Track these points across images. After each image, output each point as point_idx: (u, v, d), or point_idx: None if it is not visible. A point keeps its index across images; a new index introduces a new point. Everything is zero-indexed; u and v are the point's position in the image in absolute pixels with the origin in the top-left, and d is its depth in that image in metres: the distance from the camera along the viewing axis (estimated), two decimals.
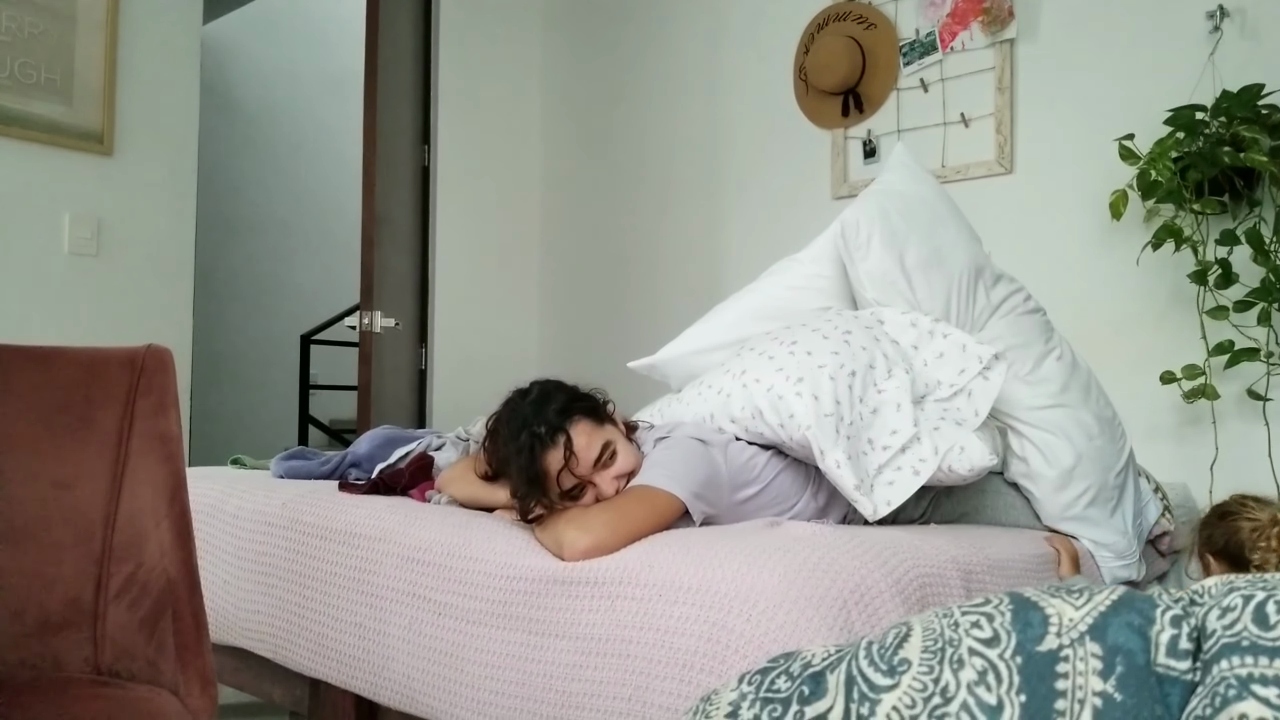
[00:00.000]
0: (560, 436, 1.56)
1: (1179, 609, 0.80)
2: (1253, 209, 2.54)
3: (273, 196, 5.99)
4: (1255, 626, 0.76)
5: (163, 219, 3.17)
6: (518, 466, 1.56)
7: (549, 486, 1.56)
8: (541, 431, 1.56)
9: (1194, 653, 0.77)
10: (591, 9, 4.21)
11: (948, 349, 1.87)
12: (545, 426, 1.56)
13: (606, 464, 1.60)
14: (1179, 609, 0.80)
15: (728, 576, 1.29)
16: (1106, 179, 2.72)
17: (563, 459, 1.55)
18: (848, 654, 0.89)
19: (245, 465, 2.56)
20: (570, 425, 1.58)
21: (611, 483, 1.60)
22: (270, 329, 5.86)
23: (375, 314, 3.48)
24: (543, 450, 1.55)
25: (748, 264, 3.20)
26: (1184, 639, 0.77)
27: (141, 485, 1.42)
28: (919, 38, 3.23)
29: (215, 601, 1.93)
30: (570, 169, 4.25)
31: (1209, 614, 0.78)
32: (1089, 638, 0.79)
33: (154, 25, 3.15)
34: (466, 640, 1.50)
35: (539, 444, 1.55)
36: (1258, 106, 2.46)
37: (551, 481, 1.56)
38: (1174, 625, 0.78)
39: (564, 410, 1.59)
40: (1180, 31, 2.73)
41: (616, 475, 1.60)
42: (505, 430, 1.61)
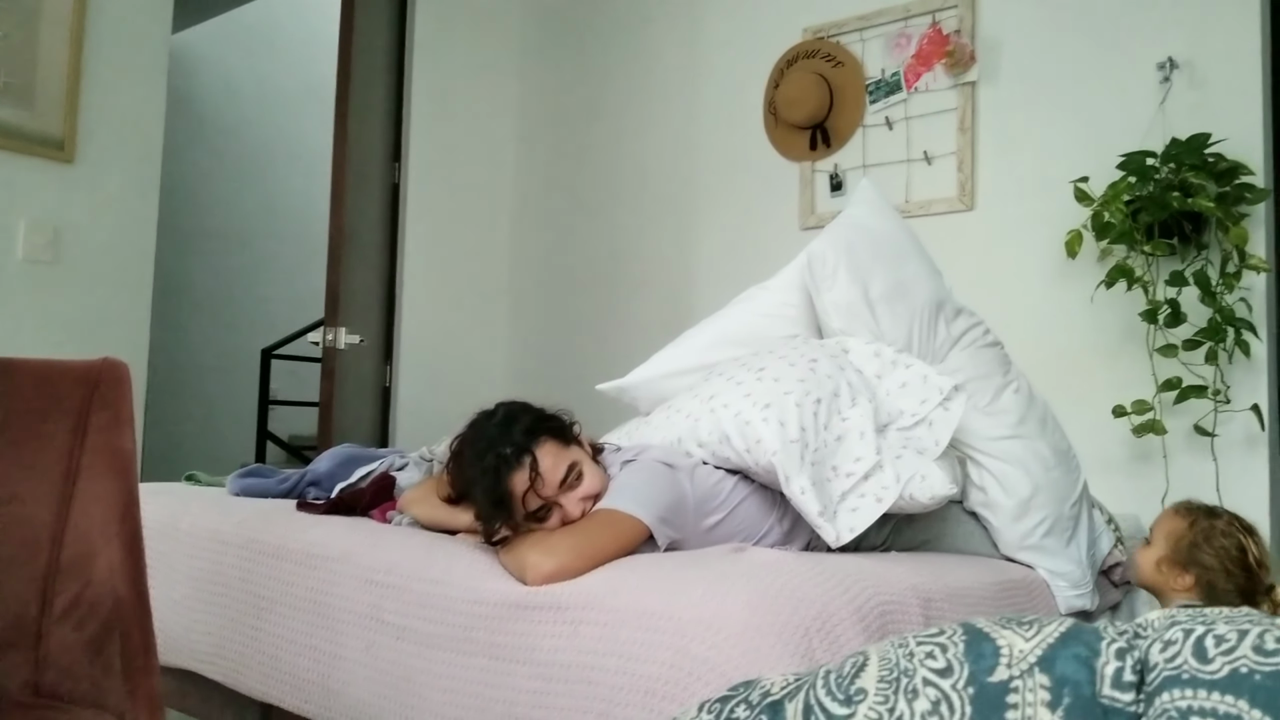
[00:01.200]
0: (526, 457, 1.55)
1: (1123, 642, 0.82)
2: (1200, 252, 2.61)
3: (238, 209, 5.94)
4: (1195, 660, 0.78)
5: (123, 228, 3.13)
6: (483, 488, 1.55)
7: (514, 508, 1.55)
8: (507, 452, 1.55)
9: (1138, 685, 0.80)
10: (567, 33, 4.24)
11: (910, 379, 1.90)
12: (511, 447, 1.55)
13: (572, 485, 1.59)
14: (1123, 642, 0.82)
15: (692, 603, 1.29)
16: (1062, 219, 2.79)
17: (528, 480, 1.54)
18: (806, 683, 0.90)
19: (200, 482, 2.52)
20: (536, 446, 1.57)
21: (577, 504, 1.59)
22: (231, 342, 5.80)
23: (340, 330, 3.46)
24: (508, 471, 1.54)
25: (717, 290, 3.23)
26: (1128, 671, 0.80)
27: (92, 501, 1.39)
28: (885, 77, 3.29)
29: (165, 622, 1.89)
30: (542, 191, 4.26)
31: (1152, 647, 0.81)
32: (1038, 669, 0.81)
33: (121, 32, 3.12)
34: (426, 665, 1.48)
35: (504, 465, 1.54)
36: (1205, 154, 2.54)
37: (517, 503, 1.55)
38: (1119, 658, 0.81)
39: (530, 431, 1.59)
40: (1133, 81, 2.81)
41: (582, 497, 1.60)
42: (470, 451, 1.60)
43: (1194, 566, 1.78)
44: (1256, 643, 0.80)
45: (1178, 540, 1.80)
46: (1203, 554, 1.78)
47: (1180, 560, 1.79)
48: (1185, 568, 1.79)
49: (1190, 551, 1.78)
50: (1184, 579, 1.79)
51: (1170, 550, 1.81)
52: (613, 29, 4.07)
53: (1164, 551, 1.82)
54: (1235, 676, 0.77)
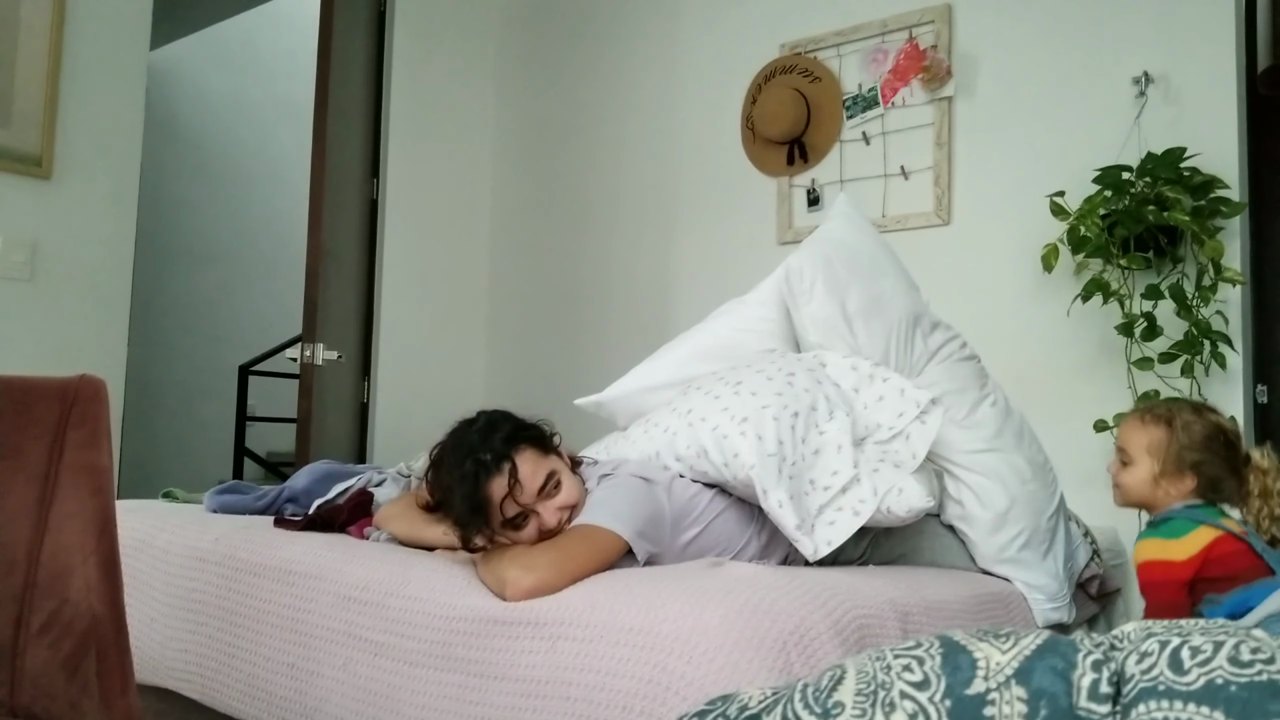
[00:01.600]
0: (505, 464, 1.55)
1: (1099, 654, 0.83)
2: (1176, 265, 2.64)
3: (215, 225, 5.91)
4: (1171, 671, 0.79)
5: (100, 245, 3.12)
6: (461, 494, 1.55)
7: (491, 515, 1.56)
8: (487, 459, 1.55)
9: (1114, 696, 0.80)
10: (545, 50, 4.26)
11: (887, 393, 1.91)
12: (491, 454, 1.56)
13: (550, 494, 1.60)
14: (1099, 654, 0.83)
15: (669, 617, 1.29)
16: (1039, 233, 2.81)
17: (507, 486, 1.55)
18: (784, 697, 0.90)
19: (177, 499, 2.50)
20: (516, 453, 1.57)
21: (555, 513, 1.60)
22: (208, 359, 5.76)
23: (317, 346, 3.44)
24: (487, 477, 1.55)
25: (695, 304, 3.24)
26: (1104, 683, 0.80)
27: (69, 519, 1.38)
28: (861, 92, 3.32)
29: (141, 640, 1.88)
30: (520, 207, 4.27)
31: (1128, 659, 0.81)
32: (1015, 681, 0.81)
33: (99, 49, 3.11)
34: (403, 682, 1.48)
35: (484, 471, 1.55)
36: (1180, 168, 2.57)
37: (495, 509, 1.56)
38: (1095, 669, 0.81)
39: (510, 438, 1.59)
40: (1108, 95, 2.85)
41: (560, 506, 1.60)
42: (450, 458, 1.60)
43: (1191, 469, 1.75)
44: (1232, 654, 0.80)
45: (1165, 449, 1.77)
46: (1195, 453, 1.75)
47: (1176, 468, 1.76)
48: (1183, 473, 1.76)
49: (1182, 456, 1.75)
50: (1184, 484, 1.76)
51: (1162, 462, 1.77)
52: (591, 45, 4.09)
53: (1157, 466, 1.77)
54: (1211, 688, 0.78)
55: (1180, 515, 1.74)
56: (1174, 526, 1.73)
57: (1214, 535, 1.69)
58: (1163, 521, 1.76)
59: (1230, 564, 1.67)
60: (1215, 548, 1.68)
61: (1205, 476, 1.75)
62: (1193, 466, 1.75)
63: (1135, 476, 1.81)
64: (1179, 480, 1.76)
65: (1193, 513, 1.74)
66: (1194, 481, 1.76)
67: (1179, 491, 1.77)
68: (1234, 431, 1.79)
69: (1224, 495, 1.77)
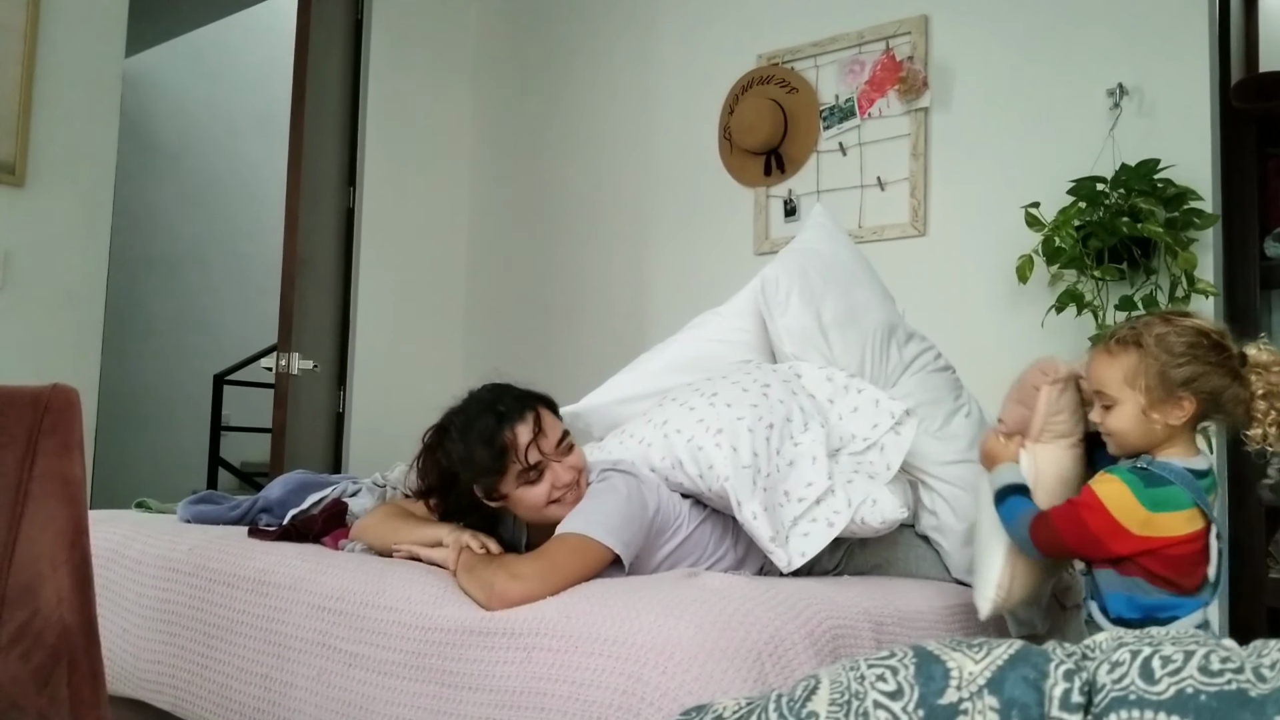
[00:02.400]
0: (529, 413, 1.62)
1: (1071, 663, 0.83)
2: (1149, 277, 2.66)
3: (190, 233, 5.87)
4: (1142, 681, 0.79)
5: (74, 253, 3.09)
6: (484, 439, 1.59)
7: (512, 462, 1.59)
8: (507, 408, 1.62)
9: (1085, 706, 0.81)
10: (522, 59, 4.26)
11: (862, 403, 1.92)
12: (511, 404, 1.63)
13: (565, 451, 1.64)
14: (1071, 663, 0.83)
15: (644, 628, 1.29)
16: (1013, 244, 2.84)
17: (531, 432, 1.60)
18: (758, 707, 0.90)
19: (150, 509, 2.48)
20: (538, 405, 1.65)
21: (569, 470, 1.64)
22: (182, 368, 5.72)
23: (293, 355, 3.42)
24: (511, 423, 1.60)
25: (671, 315, 3.24)
26: (1076, 692, 0.81)
27: (40, 529, 1.37)
28: (838, 103, 3.34)
29: (114, 651, 1.86)
30: (498, 217, 4.26)
31: (1099, 668, 0.82)
32: (987, 691, 0.82)
33: (74, 56, 3.09)
34: (377, 693, 1.47)
35: (507, 419, 1.60)
36: (1154, 180, 2.60)
37: (519, 454, 1.59)
38: (1066, 679, 0.82)
39: (525, 396, 1.67)
40: (1083, 107, 2.88)
41: (573, 465, 1.65)
42: (460, 421, 1.65)
43: (1183, 388, 1.47)
44: (1202, 663, 0.81)
45: (1144, 376, 1.48)
46: (1181, 368, 1.47)
47: (1165, 392, 1.47)
48: (1175, 396, 1.47)
49: (1167, 375, 1.47)
50: (1183, 408, 1.48)
51: (1147, 393, 1.48)
52: (568, 55, 4.10)
53: (1141, 399, 1.49)
54: (1181, 697, 0.79)
55: (1182, 482, 1.48)
56: (1165, 495, 1.47)
57: (1195, 529, 1.47)
58: (1158, 481, 1.48)
59: (1179, 569, 1.47)
60: (1183, 544, 1.46)
61: (1204, 393, 1.47)
62: (1184, 384, 1.46)
63: (1125, 417, 1.51)
64: (1175, 406, 1.48)
65: (1193, 484, 1.48)
66: (1193, 403, 1.47)
67: (1180, 417, 1.48)
68: (1218, 330, 1.51)
69: (1229, 408, 1.49)
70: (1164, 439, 1.51)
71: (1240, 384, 1.48)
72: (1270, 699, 0.74)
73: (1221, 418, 1.52)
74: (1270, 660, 0.79)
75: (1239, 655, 0.80)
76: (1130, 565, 1.48)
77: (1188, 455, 1.52)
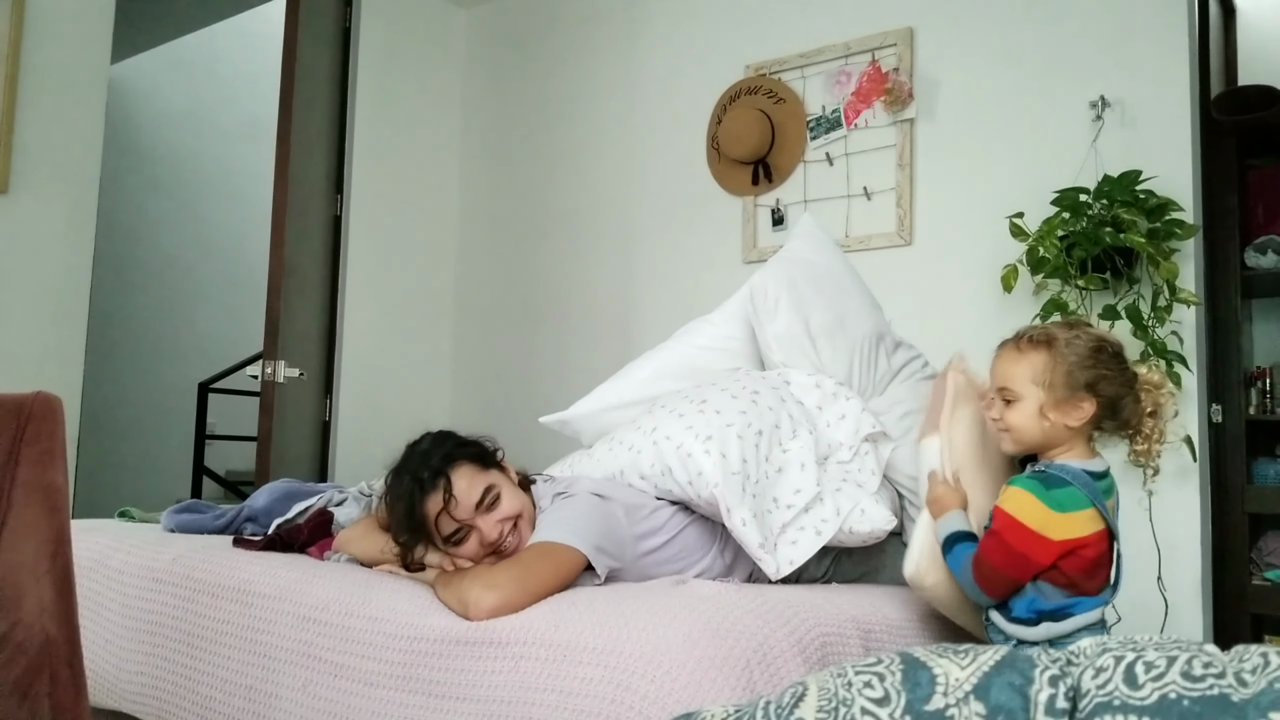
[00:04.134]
0: (440, 480, 1.60)
1: (1056, 669, 0.84)
2: (1132, 286, 2.69)
3: (176, 241, 5.85)
4: (1125, 686, 0.80)
5: (58, 260, 3.07)
6: (400, 513, 1.61)
7: (430, 532, 1.60)
8: (424, 476, 1.60)
9: (1070, 711, 0.81)
10: (510, 68, 4.26)
11: (849, 411, 1.93)
12: (427, 472, 1.61)
13: (489, 507, 1.62)
14: (1056, 669, 0.84)
15: (632, 636, 1.29)
16: (999, 253, 2.86)
17: (441, 502, 1.59)
18: (746, 713, 0.90)
19: (134, 518, 2.46)
20: (452, 469, 1.62)
21: (494, 526, 1.62)
22: (167, 376, 5.68)
23: (279, 364, 3.41)
24: (422, 495, 1.59)
25: (660, 323, 3.25)
26: (1061, 698, 0.81)
27: (22, 538, 1.36)
28: (825, 114, 3.36)
29: (96, 662, 1.85)
30: (485, 224, 4.26)
31: (1084, 674, 0.82)
32: (973, 697, 0.82)
33: (59, 62, 3.08)
34: (363, 703, 1.46)
35: (419, 490, 1.60)
36: (1136, 191, 2.62)
37: (431, 526, 1.60)
38: (1052, 685, 0.82)
39: (448, 456, 1.63)
40: (1066, 118, 2.90)
41: (500, 519, 1.62)
42: (394, 480, 1.65)
43: (1086, 390, 1.52)
44: (1185, 669, 0.82)
45: (1050, 374, 1.53)
46: (1086, 371, 1.52)
47: (1069, 391, 1.52)
48: (1078, 396, 1.52)
49: (1073, 376, 1.52)
50: (1082, 409, 1.53)
51: (1051, 388, 1.53)
52: (556, 64, 4.10)
53: (1044, 397, 1.53)
54: (1164, 702, 0.79)
55: (1078, 482, 1.51)
56: (1066, 496, 1.50)
57: (1096, 530, 1.50)
58: (1057, 483, 1.51)
59: (1088, 571, 1.50)
60: (1088, 546, 1.49)
61: (1104, 397, 1.53)
62: (1087, 387, 1.52)
63: (1025, 413, 1.55)
64: (1075, 407, 1.53)
65: (1090, 485, 1.52)
66: (1093, 405, 1.53)
67: (1079, 419, 1.53)
68: (1116, 343, 1.58)
69: (1124, 417, 1.55)
70: (1060, 441, 1.56)
71: (1134, 398, 1.55)
72: (1251, 704, 0.74)
73: (1114, 426, 1.57)
74: (1251, 665, 0.79)
75: (1221, 661, 0.81)
76: (1051, 572, 1.49)
77: (1084, 458, 1.56)
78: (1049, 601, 1.50)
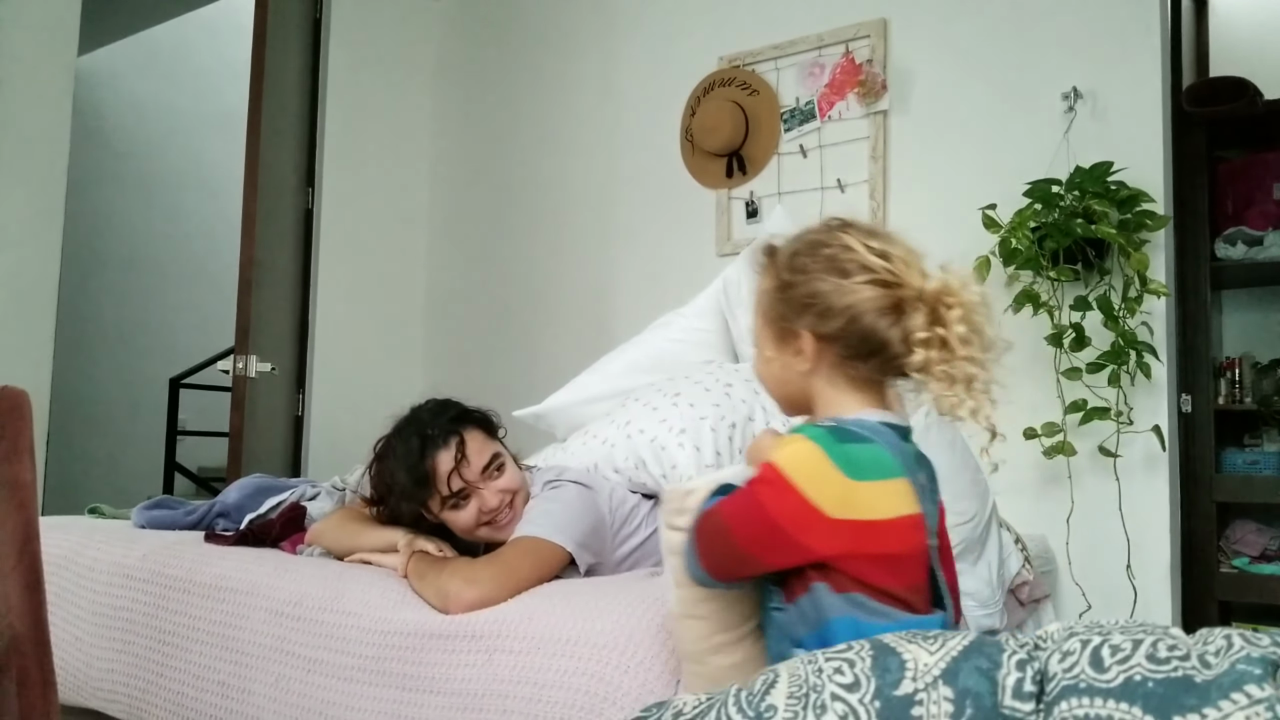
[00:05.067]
0: (453, 438, 1.61)
1: (1024, 653, 0.85)
2: (1103, 277, 2.71)
3: (146, 235, 5.79)
4: (1091, 669, 0.81)
5: (25, 253, 3.03)
6: (407, 466, 1.60)
7: (435, 488, 1.60)
8: (434, 433, 1.61)
9: (1038, 695, 0.82)
10: (482, 60, 4.24)
11: None
12: (439, 429, 1.62)
13: (493, 475, 1.63)
14: (1024, 653, 0.85)
15: (606, 628, 1.29)
16: (971, 245, 2.87)
17: (453, 460, 1.59)
18: (718, 702, 0.91)
19: (104, 515, 2.44)
20: (464, 430, 1.63)
21: (496, 494, 1.63)
22: (137, 371, 5.63)
23: (250, 358, 3.38)
24: (434, 450, 1.60)
25: (635, 316, 3.24)
26: (1028, 682, 0.82)
27: None
28: (799, 105, 3.36)
29: (66, 660, 1.83)
30: (458, 218, 4.24)
31: (1051, 658, 0.83)
32: (942, 681, 0.83)
33: (25, 52, 3.03)
34: (337, 698, 1.45)
35: (430, 444, 1.60)
36: (1107, 182, 2.64)
37: (440, 482, 1.59)
38: (1019, 669, 0.83)
39: (458, 418, 1.65)
40: (1038, 110, 2.92)
41: (502, 489, 1.64)
42: (398, 439, 1.65)
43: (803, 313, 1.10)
44: (1150, 651, 0.83)
45: (763, 298, 1.15)
46: (799, 288, 1.10)
47: (782, 324, 1.12)
48: (792, 327, 1.11)
49: (785, 297, 1.12)
50: (799, 342, 1.10)
51: (767, 324, 1.14)
52: (529, 55, 4.09)
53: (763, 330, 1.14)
54: (1129, 684, 0.80)
55: (881, 440, 1.06)
56: (865, 455, 1.03)
57: (908, 512, 1.03)
58: (854, 437, 1.05)
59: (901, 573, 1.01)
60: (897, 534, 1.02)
61: (829, 321, 1.09)
62: (804, 308, 1.10)
63: (758, 357, 1.19)
64: (793, 338, 1.11)
65: (897, 445, 1.08)
66: (810, 337, 1.10)
67: (802, 357, 1.10)
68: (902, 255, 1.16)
69: (889, 352, 1.09)
70: (808, 394, 1.13)
71: (895, 319, 1.10)
72: (1214, 684, 0.76)
73: (879, 365, 1.11)
74: (1215, 648, 0.80)
75: (1186, 643, 0.82)
76: (838, 576, 1.00)
77: (880, 410, 1.12)
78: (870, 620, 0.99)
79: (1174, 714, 0.75)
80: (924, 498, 1.08)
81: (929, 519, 1.08)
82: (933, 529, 1.09)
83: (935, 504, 1.12)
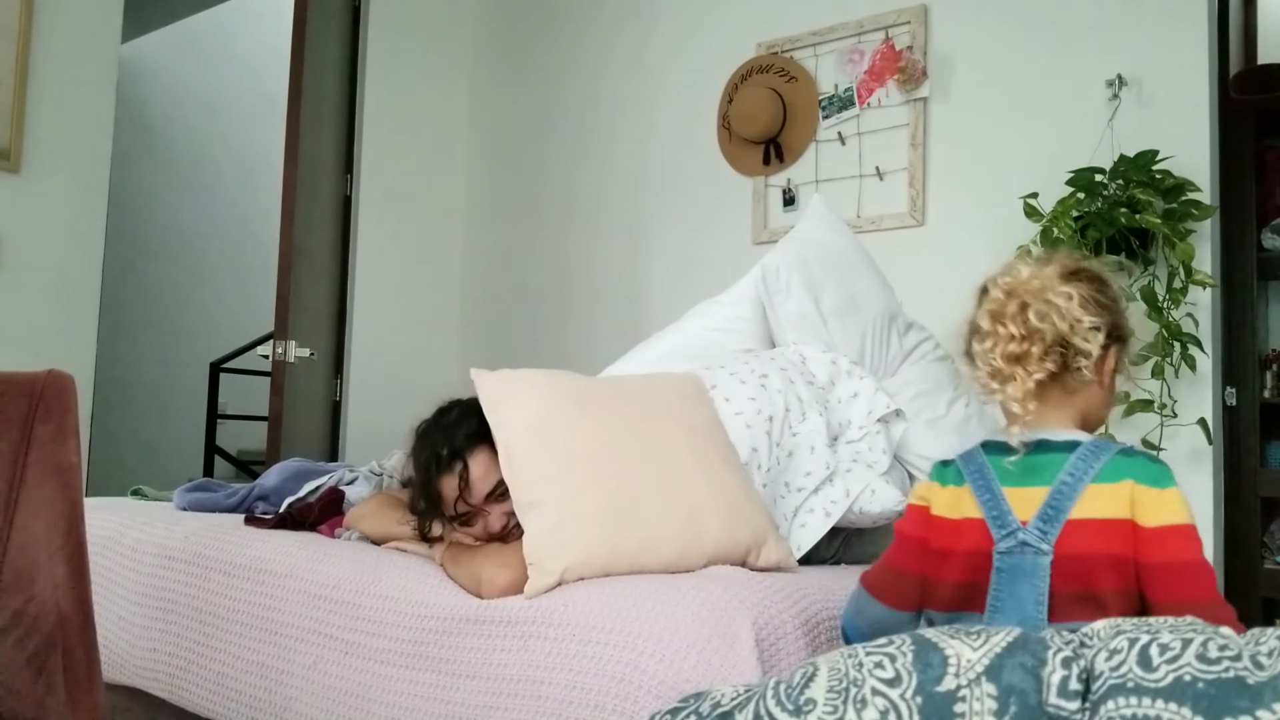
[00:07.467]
0: (457, 464, 1.59)
1: (1069, 651, 0.83)
2: (1147, 268, 2.66)
3: (187, 220, 5.86)
4: (1140, 668, 0.79)
5: (69, 239, 3.08)
6: (419, 483, 1.63)
7: (443, 508, 1.61)
8: (443, 454, 1.60)
9: (1083, 693, 0.81)
10: (520, 47, 4.24)
11: (861, 389, 1.92)
12: (448, 450, 1.60)
13: (499, 499, 1.61)
14: (1069, 651, 0.83)
15: (641, 616, 1.29)
16: (1012, 234, 2.83)
17: (457, 487, 1.58)
18: (756, 694, 0.90)
19: (146, 496, 2.48)
20: (470, 454, 1.59)
21: (500, 518, 1.61)
22: (179, 355, 5.71)
23: (289, 343, 3.42)
24: (439, 474, 1.59)
25: (670, 303, 3.23)
26: (1074, 680, 0.81)
27: (35, 516, 1.36)
28: (837, 92, 3.33)
29: (109, 638, 1.86)
30: (495, 203, 4.25)
31: (1097, 656, 0.82)
32: (985, 678, 0.82)
33: (70, 41, 3.07)
34: (373, 680, 1.47)
35: (436, 467, 1.60)
36: (1152, 171, 2.59)
37: (447, 505, 1.60)
38: (1064, 666, 0.82)
39: (471, 436, 1.61)
40: (1082, 97, 2.87)
41: (507, 512, 1.61)
42: (419, 443, 1.66)
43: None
44: (1200, 651, 0.81)
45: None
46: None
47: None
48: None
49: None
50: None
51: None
52: (566, 43, 4.08)
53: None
54: (1179, 684, 0.79)
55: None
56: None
57: (962, 516, 1.21)
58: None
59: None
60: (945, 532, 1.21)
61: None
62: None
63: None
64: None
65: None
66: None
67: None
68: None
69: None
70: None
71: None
72: (1268, 686, 0.74)
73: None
74: (1268, 648, 0.79)
75: (1237, 643, 0.80)
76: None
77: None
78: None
79: (1225, 715, 0.73)
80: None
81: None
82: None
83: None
